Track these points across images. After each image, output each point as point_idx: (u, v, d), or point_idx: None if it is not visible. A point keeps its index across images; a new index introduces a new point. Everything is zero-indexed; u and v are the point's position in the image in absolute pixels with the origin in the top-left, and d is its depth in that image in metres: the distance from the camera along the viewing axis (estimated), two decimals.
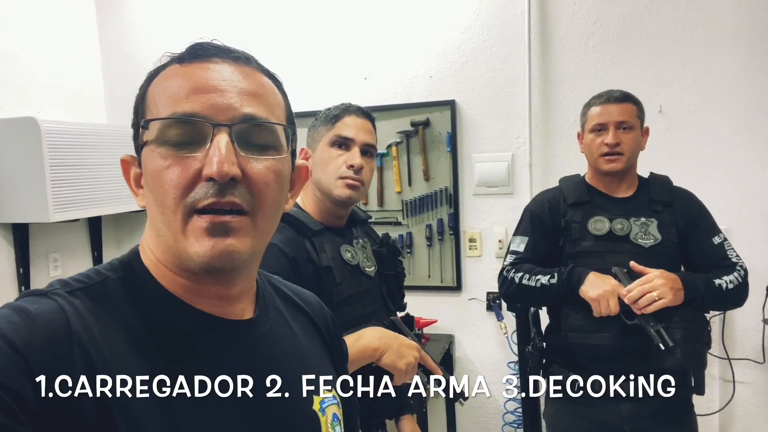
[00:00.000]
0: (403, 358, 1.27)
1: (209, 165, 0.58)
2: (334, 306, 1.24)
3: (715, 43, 2.33)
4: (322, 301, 1.19)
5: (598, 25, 2.46)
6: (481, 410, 2.74)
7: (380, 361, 1.26)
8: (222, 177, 0.57)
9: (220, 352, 0.63)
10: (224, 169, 0.57)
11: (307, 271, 1.24)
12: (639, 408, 1.64)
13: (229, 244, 0.59)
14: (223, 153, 0.58)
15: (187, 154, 0.59)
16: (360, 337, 1.25)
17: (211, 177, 0.57)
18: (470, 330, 2.73)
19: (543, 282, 1.66)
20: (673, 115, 2.40)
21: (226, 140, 0.58)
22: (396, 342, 1.28)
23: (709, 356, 2.28)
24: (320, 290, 1.24)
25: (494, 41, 2.58)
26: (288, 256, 1.22)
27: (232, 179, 0.58)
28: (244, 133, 0.61)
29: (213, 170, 0.57)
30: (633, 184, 1.74)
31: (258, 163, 0.61)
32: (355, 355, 1.21)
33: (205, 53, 0.63)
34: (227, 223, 0.59)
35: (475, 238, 2.67)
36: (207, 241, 0.58)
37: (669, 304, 1.53)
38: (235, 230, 0.59)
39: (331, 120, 1.34)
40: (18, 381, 0.49)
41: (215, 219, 0.58)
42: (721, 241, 1.68)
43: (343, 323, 1.26)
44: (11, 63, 2.51)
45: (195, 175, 0.58)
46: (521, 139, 2.58)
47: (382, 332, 1.29)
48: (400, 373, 1.28)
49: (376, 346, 1.25)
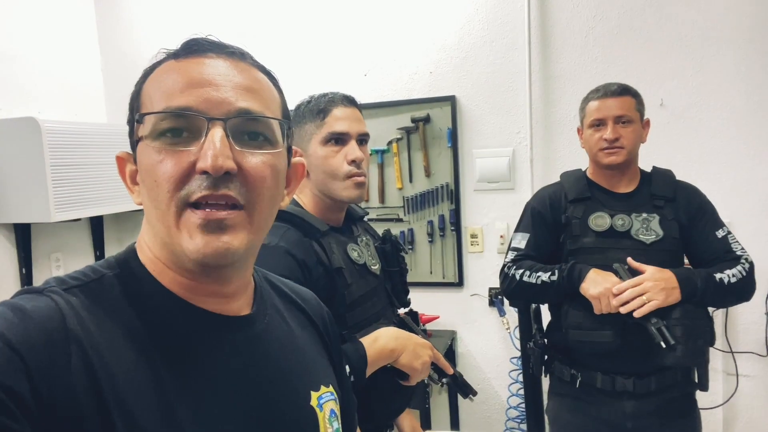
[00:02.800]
0: (419, 357, 1.27)
1: (203, 158, 0.57)
2: (346, 307, 1.23)
3: (716, 36, 2.32)
4: (334, 302, 1.20)
5: (598, 18, 2.45)
6: (485, 406, 2.74)
7: (397, 361, 1.25)
8: (216, 171, 0.57)
9: (218, 348, 0.63)
10: (218, 163, 0.57)
11: (318, 273, 1.20)
12: (642, 404, 1.63)
13: (224, 241, 0.59)
14: (217, 146, 0.57)
15: (181, 148, 0.58)
16: (376, 338, 1.23)
17: (206, 170, 0.57)
18: (473, 326, 2.73)
19: (544, 279, 1.65)
20: (675, 108, 2.39)
21: (221, 134, 0.58)
22: (411, 342, 1.28)
23: (712, 350, 2.28)
24: (333, 292, 1.21)
25: (494, 36, 2.57)
26: (297, 258, 1.17)
27: (227, 173, 0.58)
28: (239, 127, 0.60)
29: (207, 164, 0.57)
30: (634, 179, 1.72)
31: (253, 157, 0.61)
32: (373, 357, 1.20)
33: (200, 48, 0.62)
34: (222, 219, 0.58)
35: (477, 233, 2.67)
36: (201, 238, 0.58)
37: (661, 305, 1.50)
38: (230, 227, 0.59)
39: (319, 115, 1.28)
40: (15, 379, 0.49)
41: (210, 215, 0.58)
42: (724, 235, 1.66)
43: (355, 324, 1.25)
44: (11, 64, 2.52)
45: (189, 169, 0.58)
46: (522, 134, 2.57)
47: (396, 332, 1.28)
48: (416, 373, 1.28)
49: (393, 347, 1.24)
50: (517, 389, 2.63)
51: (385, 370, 1.25)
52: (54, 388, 0.51)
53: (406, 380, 1.29)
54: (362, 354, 1.18)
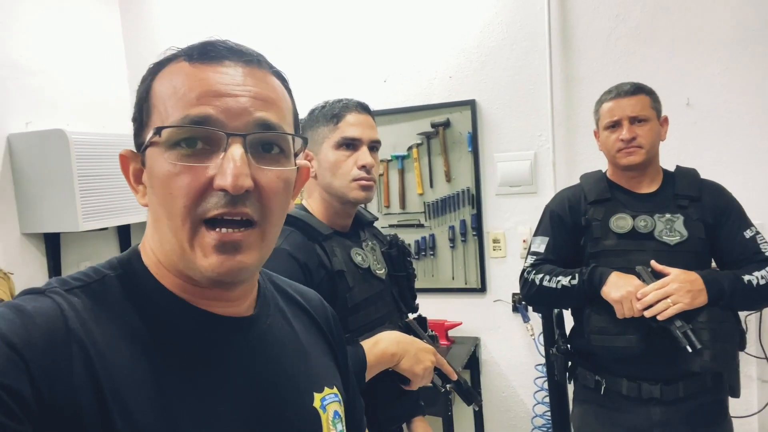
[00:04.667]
0: (420, 362, 1.27)
1: (222, 176, 0.56)
2: (348, 311, 1.23)
3: (742, 32, 2.25)
4: (336, 306, 1.20)
5: (621, 18, 2.40)
6: (509, 414, 2.70)
7: (398, 366, 1.25)
8: (237, 190, 0.56)
9: (219, 349, 0.63)
10: (239, 183, 0.56)
11: (320, 276, 1.22)
12: (670, 412, 1.58)
13: (238, 260, 0.59)
14: (238, 165, 0.56)
15: (197, 163, 0.57)
16: (377, 342, 1.24)
17: (225, 189, 0.56)
18: (496, 332, 2.69)
19: (564, 283, 1.62)
20: (702, 107, 2.32)
21: (241, 152, 0.57)
22: (413, 346, 1.27)
23: (746, 356, 2.20)
24: (334, 295, 1.22)
25: (514, 39, 2.54)
26: (299, 261, 1.19)
27: (245, 191, 0.57)
28: (257, 143, 0.60)
29: (227, 182, 0.56)
30: (656, 179, 1.68)
31: (268, 173, 0.60)
32: (373, 361, 1.20)
33: (217, 54, 0.61)
34: (238, 241, 0.58)
35: (499, 238, 2.63)
36: (215, 258, 0.58)
37: (686, 308, 1.45)
38: (245, 246, 0.59)
39: (332, 120, 1.30)
40: (16, 379, 0.49)
41: (225, 237, 0.58)
42: (753, 235, 1.60)
43: (358, 327, 1.25)
44: (41, 78, 2.60)
45: (206, 184, 0.57)
46: (544, 137, 2.53)
47: (398, 337, 1.28)
48: (417, 378, 1.28)
49: (394, 351, 1.24)
50: (543, 397, 2.58)
51: (387, 374, 1.25)
52: (55, 389, 0.51)
53: (407, 385, 1.29)
54: (362, 357, 1.18)
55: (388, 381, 1.26)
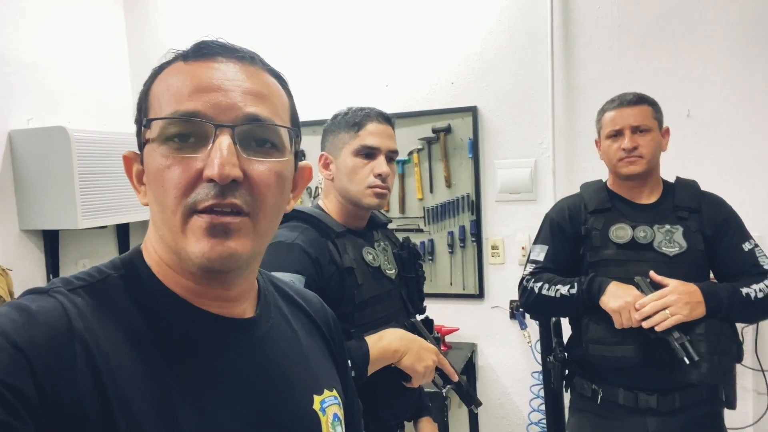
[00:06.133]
0: (422, 360, 1.30)
1: (210, 166, 0.57)
2: (356, 307, 1.28)
3: (743, 45, 2.27)
4: (344, 301, 1.25)
5: (623, 28, 2.42)
6: (505, 421, 2.70)
7: (400, 362, 1.28)
8: (223, 179, 0.57)
9: (221, 350, 0.63)
10: (225, 171, 0.57)
11: (330, 271, 1.26)
12: (666, 422, 1.58)
13: (228, 246, 0.59)
14: (224, 154, 0.57)
15: (188, 155, 0.58)
16: (381, 338, 1.27)
17: (212, 178, 0.57)
18: (493, 338, 2.69)
19: (563, 292, 1.62)
20: (702, 119, 2.33)
21: (228, 142, 0.58)
22: (415, 345, 1.31)
23: (742, 368, 2.21)
24: (343, 291, 1.26)
25: (516, 46, 2.55)
26: (311, 256, 1.23)
27: (234, 181, 0.58)
28: (246, 134, 0.60)
29: (214, 172, 0.57)
30: (657, 189, 1.68)
31: (260, 165, 0.61)
32: (376, 356, 1.23)
33: (210, 51, 0.62)
34: (227, 224, 0.58)
35: (498, 245, 2.64)
36: (206, 242, 0.58)
37: (684, 320, 1.46)
38: (234, 231, 0.59)
39: (354, 127, 1.34)
40: (20, 378, 0.49)
41: (215, 219, 0.58)
42: (752, 248, 1.61)
43: (365, 324, 1.29)
44: (43, 75, 2.60)
45: (196, 176, 0.58)
46: (544, 145, 2.54)
47: (402, 334, 1.31)
48: (418, 376, 1.31)
49: (397, 347, 1.28)
50: (539, 404, 2.58)
51: (389, 370, 1.28)
52: (58, 388, 0.51)
53: (408, 382, 1.32)
54: (365, 351, 1.21)
55: (389, 377, 1.29)
